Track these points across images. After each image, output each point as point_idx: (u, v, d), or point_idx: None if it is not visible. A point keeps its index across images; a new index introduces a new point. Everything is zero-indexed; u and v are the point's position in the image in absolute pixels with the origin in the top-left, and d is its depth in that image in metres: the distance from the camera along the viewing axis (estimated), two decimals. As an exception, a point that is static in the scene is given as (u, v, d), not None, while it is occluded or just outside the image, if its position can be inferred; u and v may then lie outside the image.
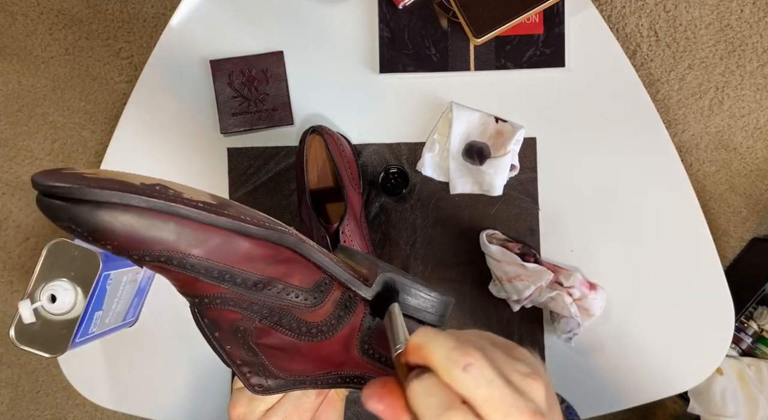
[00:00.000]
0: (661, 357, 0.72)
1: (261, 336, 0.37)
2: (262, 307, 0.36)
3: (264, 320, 0.36)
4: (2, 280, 1.37)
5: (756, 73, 1.30)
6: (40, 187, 0.30)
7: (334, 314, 0.38)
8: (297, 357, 0.38)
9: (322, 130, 0.67)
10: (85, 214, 0.30)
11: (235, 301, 0.35)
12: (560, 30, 0.71)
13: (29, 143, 1.35)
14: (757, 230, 1.32)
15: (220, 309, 0.35)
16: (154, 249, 0.32)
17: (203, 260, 0.33)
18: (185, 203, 0.32)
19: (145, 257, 0.32)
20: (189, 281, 0.34)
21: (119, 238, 0.31)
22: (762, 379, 1.19)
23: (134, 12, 1.34)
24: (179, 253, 0.33)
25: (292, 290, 0.37)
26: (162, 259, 0.33)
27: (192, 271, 0.34)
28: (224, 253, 0.34)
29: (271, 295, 0.36)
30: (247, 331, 0.36)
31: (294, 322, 0.37)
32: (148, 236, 0.31)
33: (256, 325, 0.36)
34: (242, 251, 0.34)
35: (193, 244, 0.33)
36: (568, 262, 0.72)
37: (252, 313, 0.36)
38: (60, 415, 1.38)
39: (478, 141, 0.70)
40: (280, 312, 0.37)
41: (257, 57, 0.72)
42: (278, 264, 0.36)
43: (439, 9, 0.72)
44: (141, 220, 0.31)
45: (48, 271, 0.57)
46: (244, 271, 0.35)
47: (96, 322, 0.61)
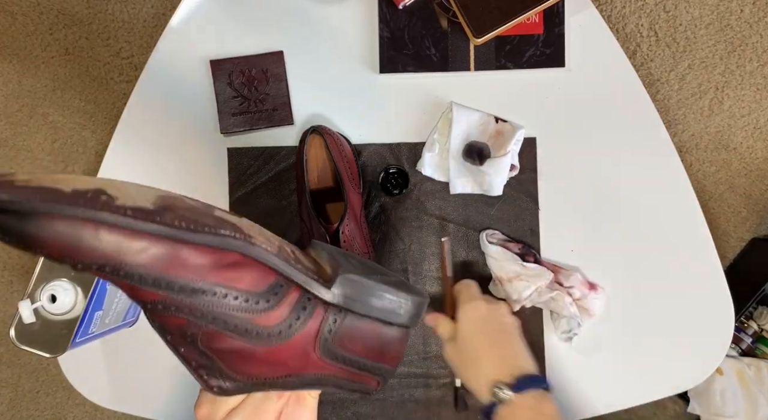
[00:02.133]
0: (661, 357, 0.72)
1: (211, 340, 0.36)
2: (206, 312, 0.35)
3: (210, 325, 0.36)
4: (2, 280, 1.37)
5: (756, 73, 1.30)
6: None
7: (290, 317, 0.37)
8: (252, 360, 0.37)
9: (322, 130, 0.67)
10: (9, 223, 0.30)
11: (177, 307, 0.35)
12: (560, 30, 0.71)
13: (29, 143, 1.35)
14: (757, 230, 1.32)
15: (164, 315, 0.35)
16: (84, 257, 0.32)
17: (135, 268, 0.33)
18: (113, 210, 0.31)
19: (78, 265, 0.32)
20: (128, 287, 0.34)
21: (48, 247, 0.31)
22: (762, 379, 1.19)
23: (134, 12, 1.34)
24: (111, 260, 0.32)
25: (238, 294, 0.36)
26: (94, 267, 0.32)
27: (127, 279, 0.33)
28: (157, 261, 0.33)
29: (214, 302, 0.35)
30: (196, 335, 0.36)
31: (244, 325, 0.36)
32: (76, 245, 0.31)
33: (203, 330, 0.36)
34: (178, 258, 0.34)
35: (123, 252, 0.32)
36: (568, 262, 0.72)
37: (196, 319, 0.35)
38: (60, 415, 1.38)
39: (478, 141, 0.70)
40: (225, 317, 0.36)
41: (257, 57, 0.72)
42: (223, 268, 0.35)
43: (439, 9, 0.72)
44: (67, 229, 0.31)
45: (48, 271, 0.57)
46: (180, 278, 0.34)
47: (96, 322, 0.61)
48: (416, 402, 0.73)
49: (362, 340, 0.38)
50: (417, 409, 0.73)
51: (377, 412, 0.73)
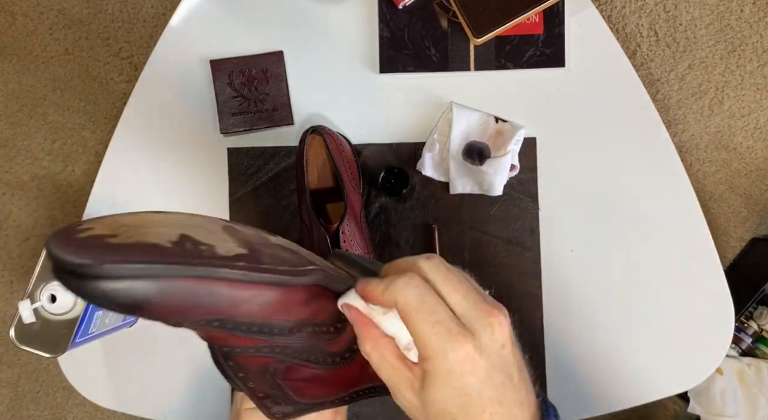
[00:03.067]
0: (661, 357, 0.72)
1: (290, 373, 0.36)
2: (299, 349, 0.35)
3: (294, 359, 0.36)
4: (2, 280, 1.37)
5: (756, 73, 1.30)
6: (59, 263, 0.26)
7: (353, 339, 0.36)
8: (322, 384, 0.38)
9: (322, 130, 0.67)
10: (114, 291, 0.27)
11: (270, 348, 0.35)
12: (560, 30, 0.71)
13: (29, 143, 1.35)
14: (757, 230, 1.32)
15: (252, 356, 0.34)
16: (192, 315, 0.30)
17: (244, 318, 0.32)
18: (224, 264, 0.29)
19: (183, 323, 0.30)
20: (224, 337, 0.33)
21: (155, 310, 0.28)
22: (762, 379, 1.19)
23: (134, 12, 1.34)
24: (223, 315, 0.31)
25: (321, 326, 0.35)
26: (201, 322, 0.31)
27: (231, 330, 0.32)
28: (264, 308, 0.32)
29: (303, 337, 0.35)
30: (277, 371, 0.36)
31: (321, 355, 0.36)
32: (185, 305, 0.29)
33: (288, 365, 0.36)
34: (280, 302, 0.33)
35: (235, 305, 0.31)
36: (568, 262, 0.72)
37: (284, 356, 0.35)
38: (60, 415, 1.38)
39: (478, 141, 0.70)
40: (309, 349, 0.36)
41: (257, 57, 0.72)
42: (309, 304, 0.35)
43: (439, 9, 0.72)
44: (178, 289, 0.28)
45: (48, 271, 0.57)
46: (281, 321, 0.33)
47: (96, 322, 0.61)
48: (416, 402, 0.73)
49: None
50: (417, 409, 0.73)
51: (377, 412, 0.73)
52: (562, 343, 0.72)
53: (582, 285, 0.72)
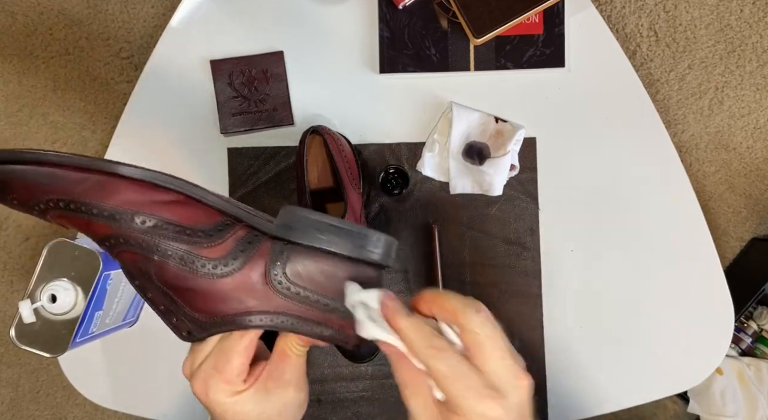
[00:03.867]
0: (660, 357, 0.72)
1: (164, 275, 0.38)
2: (150, 243, 0.38)
3: (156, 256, 0.38)
4: (2, 280, 1.37)
5: (756, 73, 1.30)
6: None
7: (235, 250, 0.39)
8: (208, 297, 0.38)
9: (322, 130, 0.67)
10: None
11: (125, 239, 0.38)
12: (560, 30, 0.71)
13: (29, 143, 1.35)
14: (757, 230, 1.32)
15: (122, 250, 0.38)
16: (37, 197, 0.37)
17: (91, 201, 0.37)
18: (51, 151, 0.37)
19: (41, 205, 0.38)
20: (85, 224, 0.38)
21: (17, 190, 0.37)
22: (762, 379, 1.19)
23: (134, 12, 1.34)
24: (61, 195, 0.37)
25: (181, 228, 0.38)
26: (59, 204, 0.37)
27: (77, 213, 0.38)
28: (95, 190, 0.38)
29: (156, 232, 0.38)
30: (149, 270, 0.38)
31: (190, 257, 0.38)
32: (39, 184, 0.37)
33: (153, 263, 0.38)
34: (111, 185, 0.38)
35: (71, 184, 0.37)
36: (568, 262, 0.72)
37: (143, 250, 0.38)
38: (60, 415, 1.38)
39: (478, 141, 0.70)
40: (168, 247, 0.38)
41: (257, 57, 0.72)
42: (163, 204, 0.39)
43: (439, 9, 0.72)
44: (32, 173, 0.37)
45: (48, 271, 0.57)
46: (119, 208, 0.38)
47: (96, 322, 0.61)
48: (416, 402, 0.73)
49: (315, 274, 0.38)
50: (417, 409, 0.73)
51: (377, 412, 0.73)
52: (561, 343, 0.72)
53: (582, 285, 0.72)
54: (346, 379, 0.73)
